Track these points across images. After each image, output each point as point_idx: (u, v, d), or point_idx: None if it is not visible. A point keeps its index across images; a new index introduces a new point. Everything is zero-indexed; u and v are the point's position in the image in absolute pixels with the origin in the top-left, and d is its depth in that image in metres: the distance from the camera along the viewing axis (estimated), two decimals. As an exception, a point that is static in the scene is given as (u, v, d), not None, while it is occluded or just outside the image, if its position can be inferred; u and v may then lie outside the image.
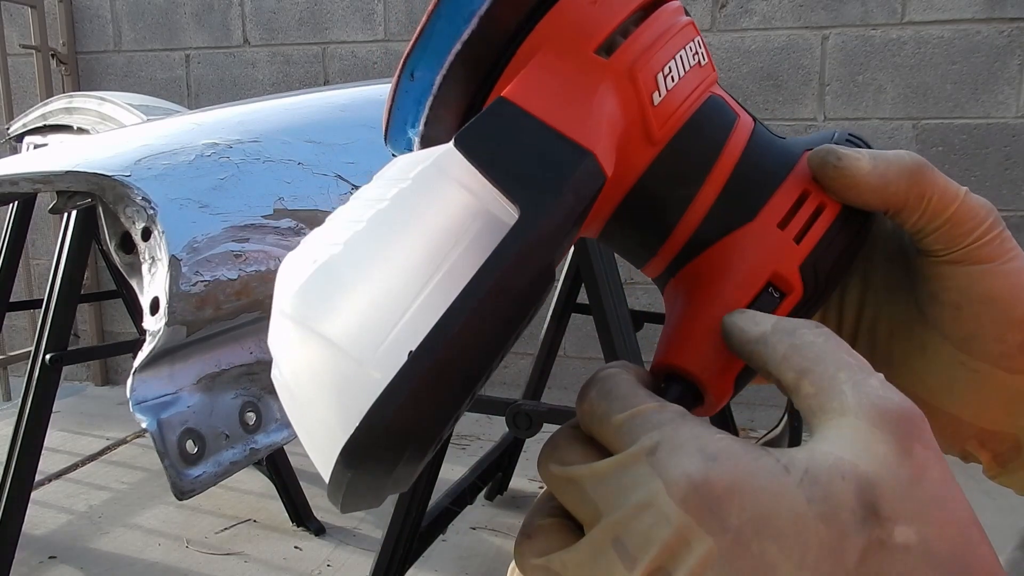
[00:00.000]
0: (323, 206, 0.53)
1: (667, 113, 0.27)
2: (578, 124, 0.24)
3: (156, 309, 0.44)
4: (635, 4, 0.26)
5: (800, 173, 0.28)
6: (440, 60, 0.26)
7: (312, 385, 0.23)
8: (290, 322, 0.23)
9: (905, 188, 0.27)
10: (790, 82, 2.28)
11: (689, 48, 0.27)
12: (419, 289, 0.23)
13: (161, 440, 0.44)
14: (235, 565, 1.70)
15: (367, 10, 2.54)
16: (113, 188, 0.46)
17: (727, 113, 0.29)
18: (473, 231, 0.24)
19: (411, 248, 0.23)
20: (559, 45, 0.26)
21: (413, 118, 0.27)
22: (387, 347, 0.22)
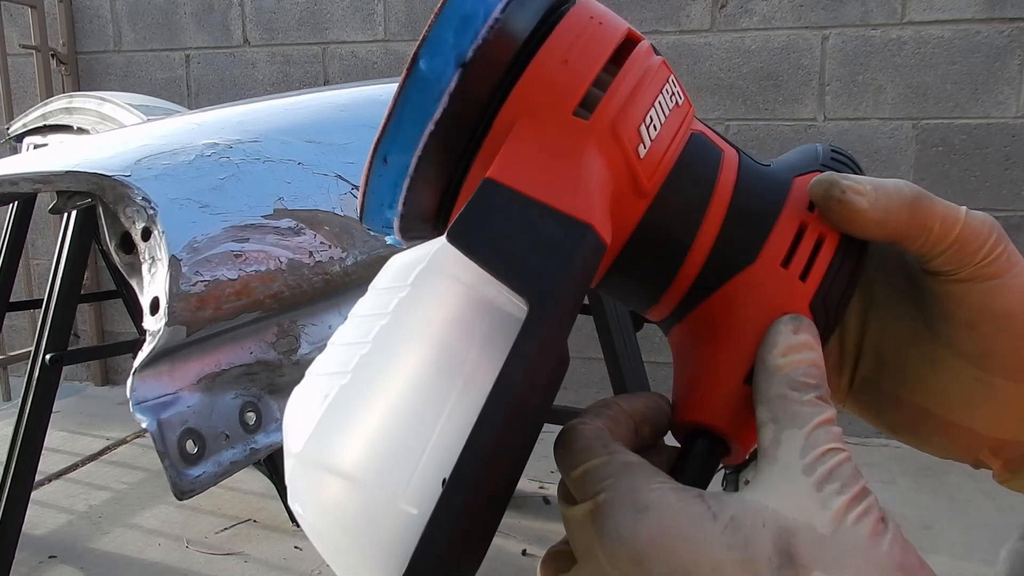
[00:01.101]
0: (323, 206, 0.53)
1: (654, 163, 0.26)
2: (570, 195, 0.24)
3: (156, 309, 0.44)
4: (606, 55, 0.25)
5: (794, 203, 0.28)
6: (413, 142, 0.25)
7: (343, 529, 0.22)
8: (309, 467, 0.22)
9: (907, 220, 0.27)
10: (790, 82, 2.28)
11: (666, 91, 0.27)
12: (440, 408, 0.22)
13: (161, 440, 0.44)
14: (235, 565, 1.70)
15: (367, 10, 2.54)
16: (113, 188, 0.46)
17: (712, 150, 0.28)
18: (482, 331, 0.23)
19: (423, 364, 0.22)
20: (536, 112, 0.24)
21: (390, 200, 0.26)
22: (418, 478, 0.21)
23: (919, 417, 0.30)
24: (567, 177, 0.24)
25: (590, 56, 0.25)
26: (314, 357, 0.54)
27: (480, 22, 0.24)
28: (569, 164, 0.24)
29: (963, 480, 1.97)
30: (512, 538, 1.78)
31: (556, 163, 0.24)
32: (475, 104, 0.25)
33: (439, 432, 0.21)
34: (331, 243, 0.52)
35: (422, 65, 0.24)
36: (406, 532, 0.20)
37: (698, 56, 2.32)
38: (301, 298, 0.51)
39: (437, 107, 0.24)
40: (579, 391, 2.53)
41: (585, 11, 0.26)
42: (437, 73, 0.24)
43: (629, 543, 0.22)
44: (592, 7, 0.26)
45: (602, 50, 0.25)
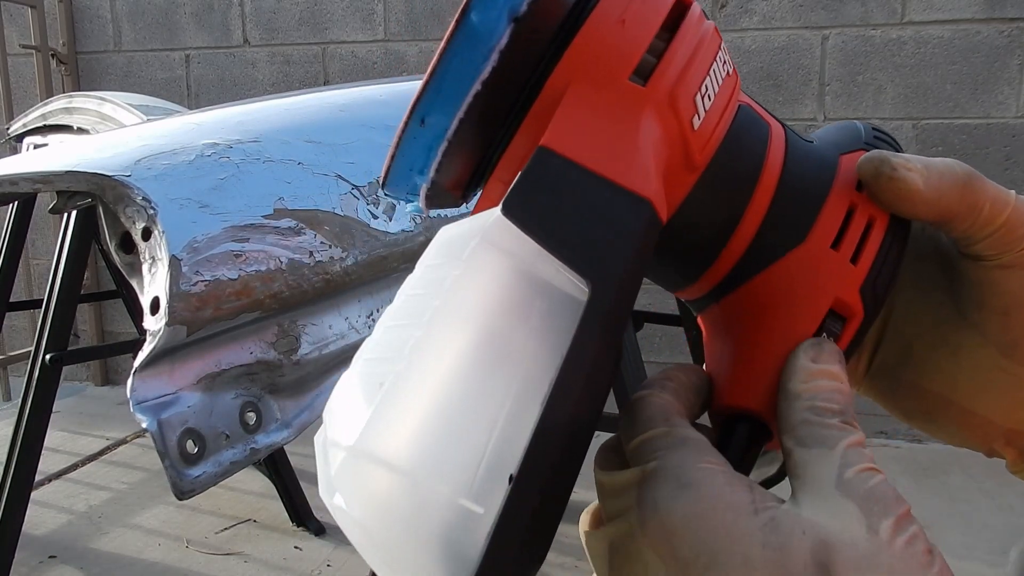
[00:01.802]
0: (323, 206, 0.53)
1: (706, 135, 0.25)
2: (629, 168, 0.22)
3: (156, 309, 0.45)
4: (662, 17, 0.24)
5: (843, 184, 0.27)
6: (456, 103, 0.23)
7: (400, 527, 0.20)
8: (362, 460, 0.20)
9: (958, 199, 0.26)
10: (790, 82, 2.28)
11: (719, 59, 0.25)
12: (501, 398, 0.20)
13: (161, 440, 0.44)
14: (235, 565, 1.70)
15: (367, 10, 2.54)
16: (113, 188, 0.46)
17: (760, 124, 0.27)
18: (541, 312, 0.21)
19: (481, 350, 0.21)
20: (591, 75, 0.23)
21: (422, 164, 0.24)
22: (483, 475, 0.20)
23: (936, 405, 0.30)
24: (625, 148, 0.23)
25: (647, 17, 0.23)
26: (314, 357, 0.54)
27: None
28: (627, 133, 0.23)
29: (963, 480, 1.97)
30: (512, 538, 1.78)
31: (613, 132, 0.23)
32: (526, 64, 0.23)
33: (502, 424, 0.20)
34: (331, 243, 0.52)
35: (473, 17, 0.22)
36: (470, 531, 0.19)
37: (698, 56, 2.32)
38: (301, 298, 0.51)
39: (486, 65, 0.22)
40: (579, 391, 2.53)
41: None
42: (489, 27, 0.22)
43: (664, 515, 0.21)
44: None
45: (658, 11, 0.24)
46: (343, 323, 0.55)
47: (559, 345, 0.21)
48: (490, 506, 0.19)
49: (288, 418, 0.51)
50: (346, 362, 0.59)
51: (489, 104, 0.23)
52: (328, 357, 0.54)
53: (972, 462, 1.88)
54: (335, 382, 0.54)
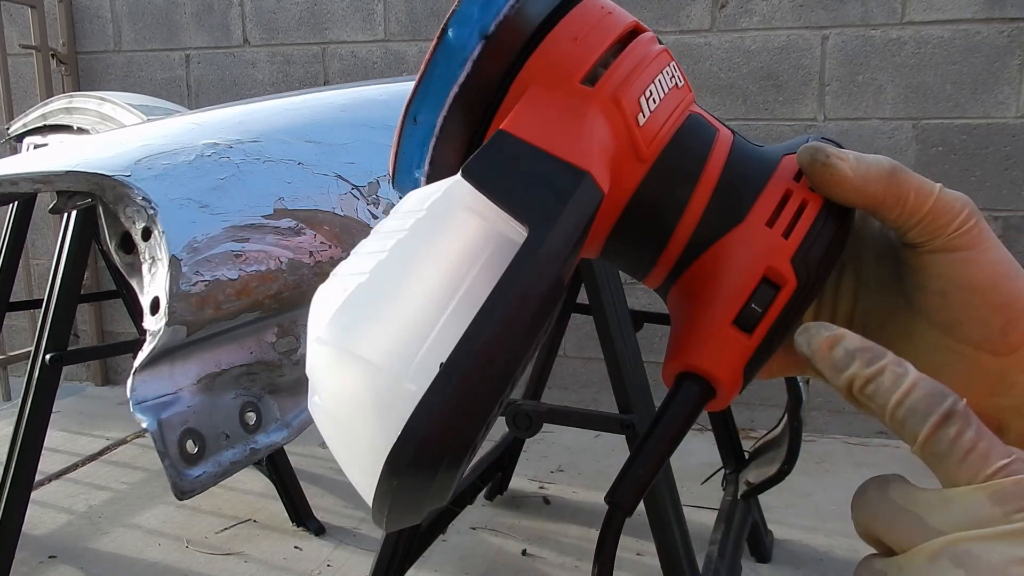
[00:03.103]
0: (323, 206, 0.53)
1: (652, 132, 0.29)
2: (573, 148, 0.27)
3: (156, 309, 0.44)
4: (612, 38, 0.29)
5: (781, 175, 0.31)
6: (440, 103, 0.28)
7: (352, 405, 0.24)
8: (327, 348, 0.24)
9: (883, 189, 0.29)
10: (790, 82, 2.28)
11: (666, 72, 0.30)
12: (443, 306, 0.24)
13: (161, 440, 0.44)
14: (235, 565, 1.70)
15: (367, 10, 2.54)
16: (113, 188, 0.46)
17: (707, 128, 0.31)
18: (487, 251, 0.25)
19: (433, 270, 0.25)
20: (547, 80, 0.28)
21: (419, 159, 0.29)
22: (420, 361, 0.24)
23: None
24: (571, 132, 0.27)
25: (598, 37, 0.28)
26: (314, 357, 0.53)
27: (503, 2, 0.27)
28: (573, 122, 0.27)
29: (963, 480, 1.96)
30: (512, 538, 1.78)
31: (562, 120, 0.27)
32: (495, 71, 0.28)
33: (442, 325, 0.24)
34: (331, 243, 0.52)
35: (450, 34, 0.27)
36: (407, 406, 0.23)
37: (698, 56, 2.32)
38: (301, 298, 0.51)
39: (461, 72, 0.28)
40: (579, 391, 2.53)
41: (597, 2, 0.29)
42: (463, 42, 0.27)
43: None
44: (604, 1, 0.30)
45: (609, 33, 0.29)
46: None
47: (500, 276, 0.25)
48: (423, 386, 0.23)
49: (288, 418, 0.51)
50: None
51: (466, 103, 0.28)
52: (328, 357, 0.54)
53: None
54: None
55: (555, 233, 0.25)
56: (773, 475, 1.23)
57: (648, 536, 1.26)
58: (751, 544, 1.68)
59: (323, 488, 2.04)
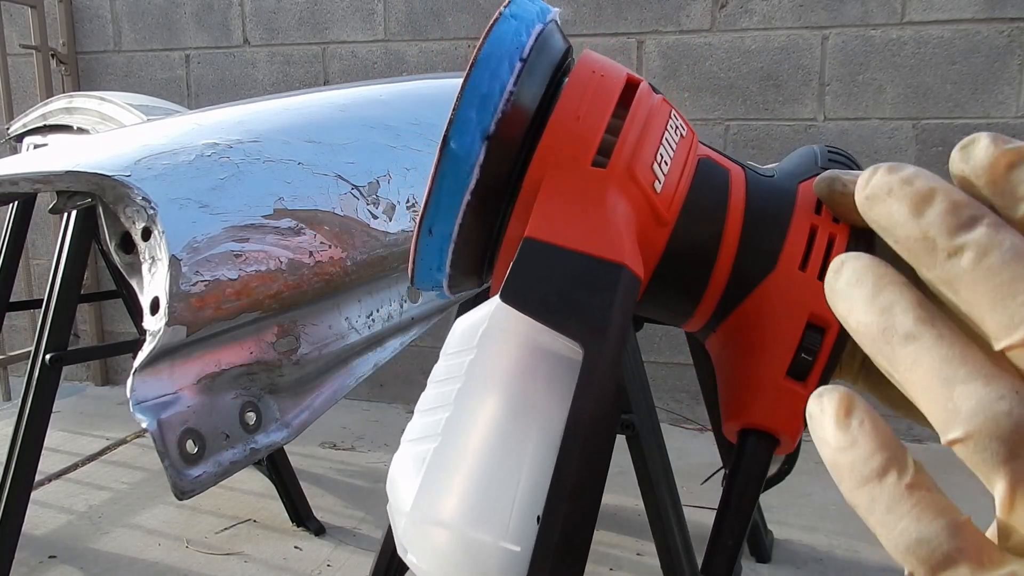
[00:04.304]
0: (323, 206, 0.53)
1: (670, 194, 0.29)
2: (602, 240, 0.26)
3: (156, 309, 0.44)
4: (612, 104, 0.28)
5: (802, 208, 0.30)
6: (453, 213, 0.27)
7: (458, 573, 0.25)
8: (419, 523, 0.25)
9: None
10: (790, 82, 2.28)
11: (670, 126, 0.29)
12: (522, 452, 0.25)
13: (161, 440, 0.44)
14: (235, 565, 1.70)
15: (367, 10, 2.54)
16: (113, 188, 0.46)
17: (718, 171, 0.31)
18: (546, 375, 0.26)
19: (501, 415, 0.25)
20: (559, 167, 0.27)
21: (438, 264, 0.29)
22: (516, 519, 0.24)
23: None
24: (596, 224, 0.27)
25: (598, 109, 0.28)
26: (314, 357, 0.54)
27: (497, 97, 0.27)
28: (595, 211, 0.27)
29: (963, 480, 1.96)
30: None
31: (584, 212, 0.27)
32: (503, 170, 0.28)
33: (526, 473, 0.24)
34: (331, 243, 0.52)
35: (453, 144, 0.27)
36: (513, 568, 0.23)
37: (698, 56, 2.32)
38: (301, 298, 0.51)
39: (470, 179, 0.27)
40: (579, 391, 2.53)
41: (587, 67, 0.29)
42: (466, 150, 0.27)
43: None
44: (592, 62, 0.29)
45: (608, 101, 0.28)
46: (343, 323, 0.55)
47: (565, 399, 0.24)
48: (526, 544, 0.24)
49: (288, 418, 0.51)
50: (346, 362, 0.59)
51: (480, 207, 0.28)
52: (328, 357, 0.54)
53: (972, 462, 1.88)
54: (335, 382, 0.54)
55: (608, 343, 0.25)
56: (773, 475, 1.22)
57: (648, 536, 1.26)
58: (751, 544, 1.68)
59: (323, 488, 2.04)
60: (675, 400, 2.47)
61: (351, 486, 2.06)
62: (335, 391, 0.55)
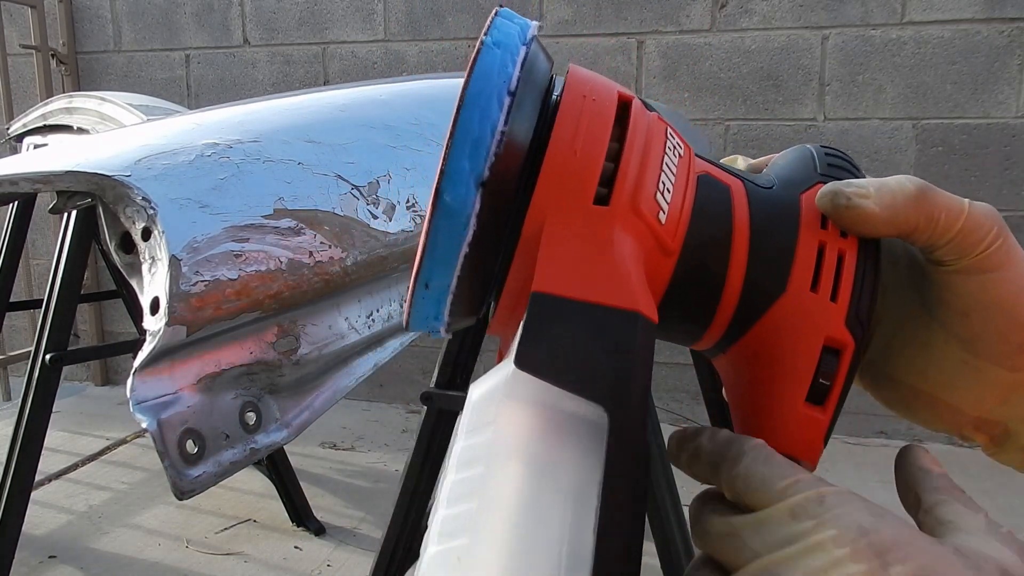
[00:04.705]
0: (323, 206, 0.53)
1: (674, 222, 0.27)
2: (612, 286, 0.25)
3: (156, 309, 0.44)
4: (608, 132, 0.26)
5: (808, 223, 0.29)
6: (451, 266, 0.26)
7: None
8: None
9: (914, 215, 0.28)
10: (790, 82, 2.28)
11: (668, 147, 0.28)
12: (558, 526, 0.23)
13: (161, 440, 0.44)
14: (235, 565, 1.70)
15: (367, 10, 2.54)
16: (113, 188, 0.46)
17: (719, 188, 0.29)
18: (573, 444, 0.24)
19: (531, 496, 0.23)
20: (559, 212, 0.25)
21: (435, 315, 0.27)
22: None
23: (910, 395, 0.32)
24: (605, 269, 0.25)
25: (594, 138, 0.26)
26: (314, 357, 0.54)
27: (489, 139, 0.25)
28: (603, 255, 0.25)
29: (963, 480, 1.96)
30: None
31: (591, 258, 0.25)
32: (502, 219, 0.26)
33: (566, 551, 0.23)
34: (331, 243, 0.52)
35: (446, 197, 0.25)
36: None
37: (698, 56, 2.32)
38: (301, 298, 0.51)
39: (467, 231, 0.25)
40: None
41: (577, 91, 0.27)
42: (461, 200, 0.25)
43: (873, 538, 0.23)
44: (581, 84, 0.27)
45: (603, 128, 0.26)
46: (343, 323, 0.55)
47: (596, 464, 0.23)
48: None
49: (288, 418, 0.51)
50: (346, 362, 0.59)
51: (479, 259, 0.26)
52: (328, 357, 0.54)
53: (972, 462, 1.87)
54: (335, 382, 0.54)
55: (633, 403, 0.24)
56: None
57: (648, 536, 1.26)
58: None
59: (323, 488, 2.04)
60: (675, 400, 2.47)
61: (351, 486, 2.06)
62: (335, 391, 0.55)
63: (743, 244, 0.28)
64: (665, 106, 1.66)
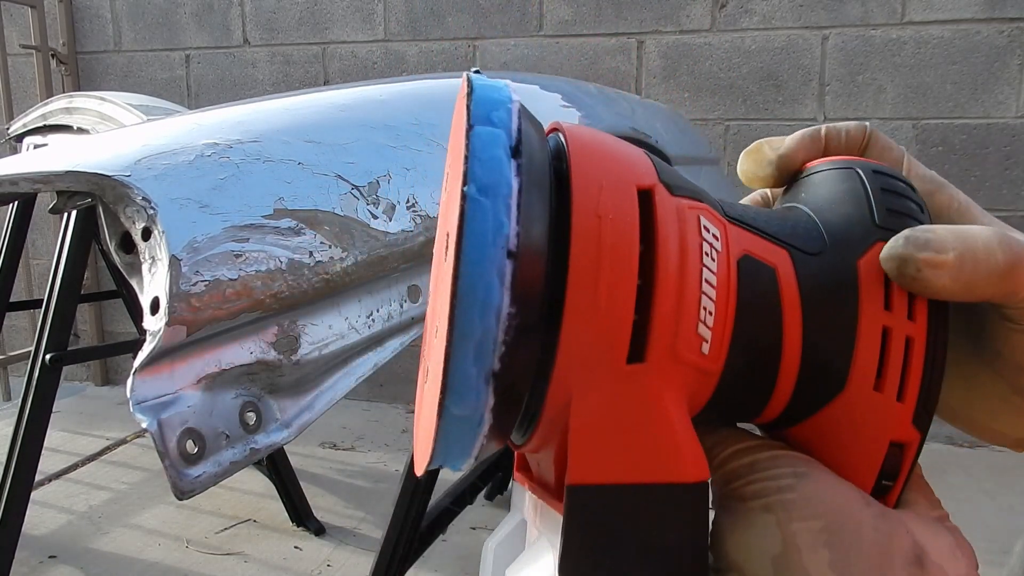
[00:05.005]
0: (323, 206, 0.53)
1: (718, 344, 0.23)
2: (658, 459, 0.21)
3: (156, 309, 0.45)
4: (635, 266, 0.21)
5: (869, 301, 0.24)
6: (466, 454, 0.22)
7: None
8: None
9: (995, 288, 0.24)
10: (790, 82, 2.28)
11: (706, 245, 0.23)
12: None
13: (161, 440, 0.44)
14: (235, 565, 1.70)
15: (367, 10, 2.54)
16: (113, 188, 0.46)
17: (764, 273, 0.24)
18: None
19: None
20: (587, 383, 0.21)
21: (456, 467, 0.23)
22: None
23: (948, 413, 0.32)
24: (649, 440, 0.21)
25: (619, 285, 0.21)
26: (314, 357, 0.54)
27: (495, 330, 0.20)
28: (645, 425, 0.21)
29: (963, 480, 1.97)
30: (512, 538, 1.78)
31: (632, 430, 0.21)
32: (518, 408, 0.22)
33: None
34: (331, 243, 0.52)
35: (455, 411, 0.20)
36: None
37: (698, 56, 2.32)
38: (301, 298, 0.51)
39: (482, 427, 0.21)
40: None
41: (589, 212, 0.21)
42: (472, 407, 0.20)
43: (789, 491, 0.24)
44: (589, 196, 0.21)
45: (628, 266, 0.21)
46: (343, 323, 0.55)
47: None
48: None
49: (288, 418, 0.51)
50: (346, 362, 0.59)
51: (497, 440, 0.22)
52: (328, 357, 0.54)
53: (972, 462, 1.87)
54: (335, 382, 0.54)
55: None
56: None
57: None
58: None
59: (323, 488, 2.04)
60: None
61: (351, 486, 2.06)
62: (335, 391, 0.55)
63: (795, 338, 0.24)
64: (665, 106, 1.66)
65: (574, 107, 0.93)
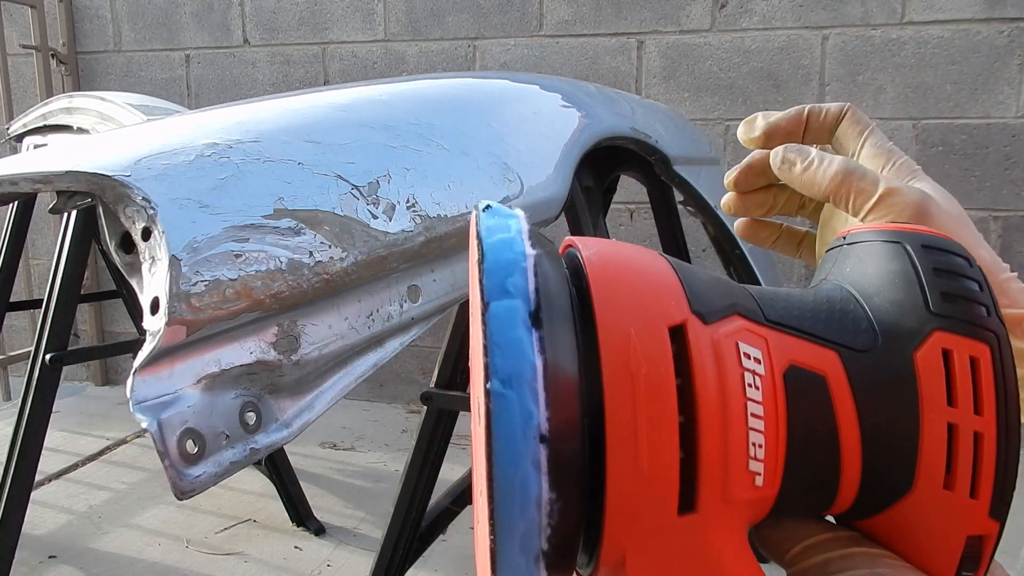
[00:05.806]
0: (323, 206, 0.53)
1: (772, 470, 0.22)
2: None
3: (156, 309, 0.44)
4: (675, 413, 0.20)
5: (930, 397, 0.23)
6: None
7: None
8: None
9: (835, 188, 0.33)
10: (790, 82, 2.28)
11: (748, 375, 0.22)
12: None
13: (161, 440, 0.44)
14: (235, 565, 1.70)
15: (367, 10, 2.54)
16: (113, 188, 0.46)
17: (813, 381, 0.23)
18: None
19: None
20: (639, 541, 0.20)
21: None
22: None
23: None
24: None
25: (660, 437, 0.20)
26: (314, 357, 0.54)
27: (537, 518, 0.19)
28: (704, 570, 0.21)
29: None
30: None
31: None
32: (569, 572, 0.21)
33: None
34: (331, 243, 0.52)
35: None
36: None
37: (698, 56, 2.32)
38: (301, 298, 0.51)
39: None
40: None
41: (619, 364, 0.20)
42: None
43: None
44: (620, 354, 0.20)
45: (667, 414, 0.20)
46: (343, 323, 0.55)
47: None
48: None
49: (288, 418, 0.51)
50: (346, 362, 0.59)
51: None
52: (328, 357, 0.54)
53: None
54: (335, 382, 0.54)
55: None
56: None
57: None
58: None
59: (323, 488, 2.04)
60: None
61: (351, 486, 2.06)
62: (335, 391, 0.55)
63: (854, 446, 0.23)
64: (665, 106, 1.66)
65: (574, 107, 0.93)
